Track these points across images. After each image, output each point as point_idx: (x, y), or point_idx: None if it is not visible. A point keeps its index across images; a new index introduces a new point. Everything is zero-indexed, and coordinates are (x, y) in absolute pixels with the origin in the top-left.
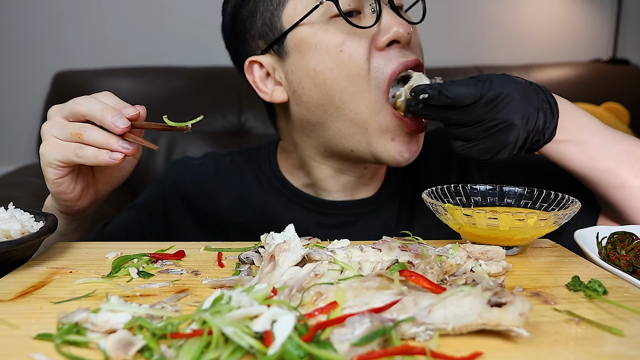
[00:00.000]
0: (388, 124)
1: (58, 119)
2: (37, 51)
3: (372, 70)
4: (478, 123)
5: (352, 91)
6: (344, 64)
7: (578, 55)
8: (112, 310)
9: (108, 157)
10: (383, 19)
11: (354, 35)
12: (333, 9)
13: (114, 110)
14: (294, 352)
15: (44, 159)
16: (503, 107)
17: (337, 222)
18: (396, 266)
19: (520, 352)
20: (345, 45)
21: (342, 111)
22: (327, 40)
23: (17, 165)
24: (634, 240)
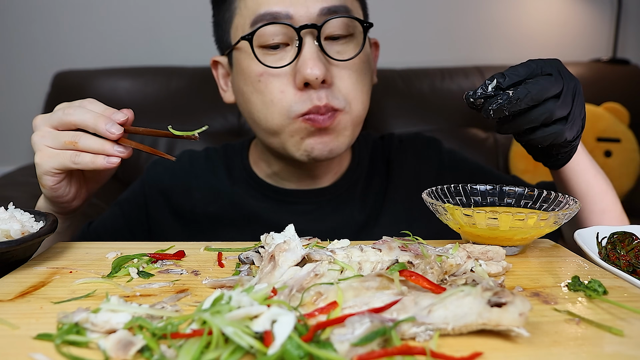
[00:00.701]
0: (297, 128)
1: (47, 129)
2: (37, 51)
3: (286, 103)
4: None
5: (267, 113)
6: (261, 91)
7: (578, 55)
8: (112, 310)
9: (105, 162)
10: (300, 58)
11: (272, 70)
12: (261, 40)
13: (106, 118)
14: (294, 352)
15: (40, 168)
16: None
17: (300, 210)
18: (396, 266)
19: (520, 352)
20: (264, 77)
21: (260, 125)
22: (250, 68)
23: (17, 165)
24: (634, 240)
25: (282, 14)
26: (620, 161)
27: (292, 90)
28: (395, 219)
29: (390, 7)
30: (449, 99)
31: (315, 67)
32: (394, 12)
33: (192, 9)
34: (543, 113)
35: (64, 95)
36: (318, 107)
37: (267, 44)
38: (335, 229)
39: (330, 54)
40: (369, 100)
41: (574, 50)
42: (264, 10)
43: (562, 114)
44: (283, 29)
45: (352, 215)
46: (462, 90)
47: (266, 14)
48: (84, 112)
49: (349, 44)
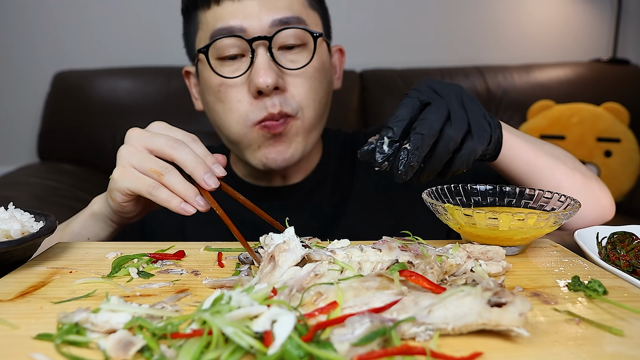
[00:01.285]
0: (255, 136)
1: (140, 147)
2: (37, 51)
3: (244, 112)
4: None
5: (227, 121)
6: (221, 101)
7: (578, 55)
8: (112, 310)
9: (180, 207)
10: (253, 68)
11: (230, 80)
12: (219, 52)
13: (206, 167)
14: (294, 352)
15: (115, 184)
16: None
17: (276, 206)
18: (396, 266)
19: (520, 352)
20: (223, 87)
21: (223, 133)
22: (210, 79)
23: (17, 165)
24: (634, 240)
25: (236, 28)
26: (620, 161)
27: (248, 99)
28: (360, 209)
29: (391, 7)
30: None
31: (265, 75)
32: (394, 13)
33: None
34: (447, 143)
35: (64, 95)
36: (272, 114)
37: (224, 55)
38: (307, 222)
39: (282, 63)
40: (324, 107)
41: (574, 50)
42: (220, 25)
43: (463, 130)
44: (237, 41)
45: (321, 208)
46: None
47: (222, 28)
48: (188, 152)
49: (303, 53)
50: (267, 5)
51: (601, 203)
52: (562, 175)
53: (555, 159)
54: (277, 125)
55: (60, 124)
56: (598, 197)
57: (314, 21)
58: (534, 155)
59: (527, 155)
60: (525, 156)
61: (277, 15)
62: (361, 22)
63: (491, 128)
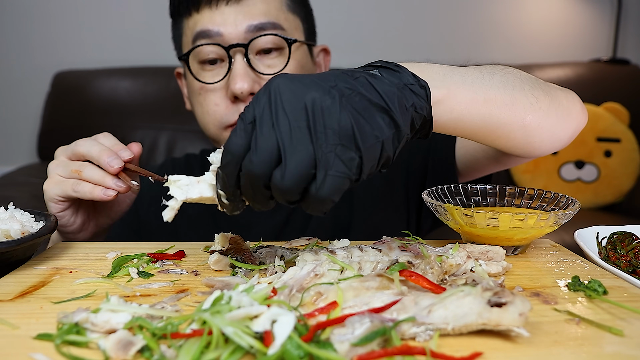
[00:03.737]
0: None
1: (62, 158)
2: (37, 51)
3: (219, 114)
4: None
5: (205, 123)
6: (200, 103)
7: (578, 55)
8: (112, 310)
9: (102, 194)
10: (230, 74)
11: (209, 85)
12: (199, 56)
13: (110, 152)
14: (294, 352)
15: (46, 194)
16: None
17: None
18: (396, 266)
19: (520, 352)
20: (202, 90)
21: (205, 132)
22: (193, 82)
23: (17, 165)
24: (633, 240)
25: (214, 32)
26: (620, 161)
27: (225, 103)
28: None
29: (391, 7)
30: None
31: (242, 82)
32: (395, 13)
33: None
34: (249, 179)
35: (64, 95)
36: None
37: (204, 59)
38: (288, 219)
39: (258, 69)
40: None
41: (574, 50)
42: (199, 29)
43: (266, 161)
44: (215, 47)
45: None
46: None
47: (201, 31)
48: (92, 144)
49: (280, 57)
50: (243, 12)
51: (573, 115)
52: (524, 107)
53: (510, 90)
54: None
55: (60, 124)
56: (568, 109)
57: (293, 25)
58: (483, 102)
59: (474, 106)
60: (474, 108)
61: (253, 21)
62: (361, 22)
63: (382, 125)
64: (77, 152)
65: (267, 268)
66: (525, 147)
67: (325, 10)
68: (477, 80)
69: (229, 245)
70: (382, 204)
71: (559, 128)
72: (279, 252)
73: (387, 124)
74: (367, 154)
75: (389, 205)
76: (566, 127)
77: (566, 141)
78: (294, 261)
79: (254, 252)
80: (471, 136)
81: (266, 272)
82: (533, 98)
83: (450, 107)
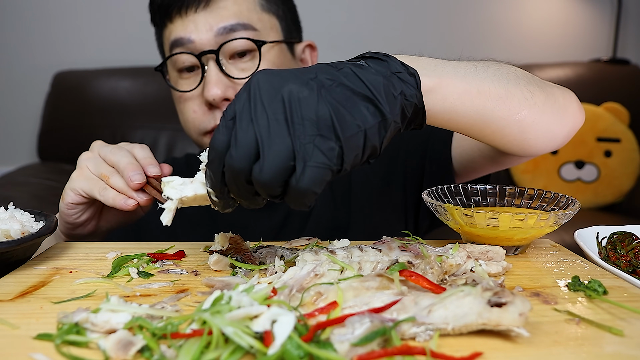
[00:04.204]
0: (207, 144)
1: (97, 154)
2: (37, 51)
3: (197, 122)
4: None
5: (186, 129)
6: (181, 111)
7: (578, 55)
8: (112, 310)
9: (123, 202)
10: (204, 81)
11: (187, 93)
12: (176, 65)
13: (136, 167)
14: (294, 352)
15: (71, 183)
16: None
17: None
18: (396, 266)
19: (520, 352)
20: (182, 98)
21: (189, 136)
22: (172, 90)
23: (17, 165)
24: (634, 240)
25: (185, 39)
26: (620, 161)
27: (202, 110)
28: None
29: (391, 7)
30: None
31: (215, 88)
32: (395, 13)
33: None
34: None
35: (64, 95)
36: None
37: (181, 67)
38: (285, 220)
39: (231, 74)
40: None
41: (574, 50)
42: (173, 37)
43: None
44: (188, 56)
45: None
46: None
47: (175, 40)
48: (124, 155)
49: (255, 60)
50: (212, 16)
51: (569, 113)
52: (519, 102)
53: (505, 84)
54: None
55: (60, 124)
56: (565, 107)
57: (268, 24)
58: (477, 94)
59: (469, 97)
60: (468, 99)
61: (222, 23)
62: (361, 22)
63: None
64: (109, 157)
65: (267, 268)
66: (521, 144)
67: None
68: (470, 72)
69: (229, 245)
70: (380, 205)
71: (555, 125)
72: (279, 252)
73: (372, 113)
74: (348, 144)
75: (387, 206)
76: (562, 124)
77: (562, 140)
78: (294, 261)
79: (254, 252)
80: (466, 130)
81: (266, 272)
82: (528, 93)
83: (442, 96)
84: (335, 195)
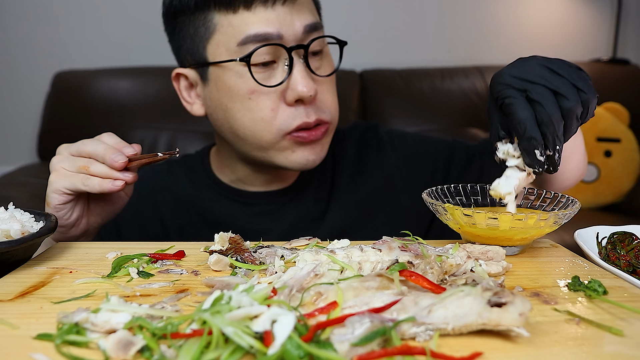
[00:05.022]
0: (287, 144)
1: (66, 154)
2: (37, 51)
3: (277, 120)
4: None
5: (255, 130)
6: (250, 109)
7: (578, 55)
8: (112, 310)
9: (111, 185)
10: (292, 76)
11: (263, 88)
12: (253, 59)
13: (114, 149)
14: (294, 352)
15: (52, 185)
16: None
17: (259, 211)
18: (396, 266)
19: (520, 352)
20: (254, 95)
21: (246, 141)
22: (239, 86)
23: (17, 165)
24: (634, 240)
25: (274, 35)
26: (620, 161)
27: (282, 107)
28: (341, 205)
29: (391, 7)
30: (449, 99)
31: (308, 85)
32: (395, 13)
33: None
34: (573, 117)
35: (64, 95)
36: (308, 123)
37: (257, 62)
38: (294, 225)
39: (314, 71)
40: None
41: (574, 50)
42: (254, 31)
43: (575, 94)
44: (272, 48)
45: (308, 209)
46: (462, 90)
47: (257, 34)
48: (97, 143)
49: (324, 59)
50: (297, 11)
51: (586, 159)
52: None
53: (580, 147)
54: (315, 134)
55: (60, 124)
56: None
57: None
58: (571, 150)
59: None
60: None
61: (307, 21)
62: (361, 22)
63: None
64: (82, 150)
65: (267, 268)
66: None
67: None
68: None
69: (229, 245)
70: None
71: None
72: (279, 252)
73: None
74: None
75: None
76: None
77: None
78: (294, 261)
79: (254, 252)
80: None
81: (266, 272)
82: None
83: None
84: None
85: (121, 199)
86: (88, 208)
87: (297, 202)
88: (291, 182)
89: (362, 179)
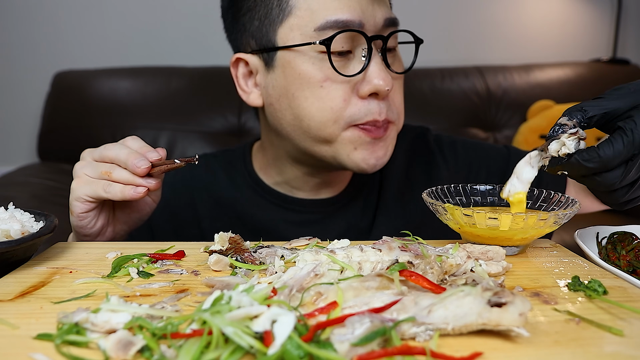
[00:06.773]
0: (350, 136)
1: (89, 159)
2: (37, 51)
3: (347, 112)
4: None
5: (321, 120)
6: (320, 97)
7: (578, 55)
8: (112, 310)
9: (133, 192)
10: (369, 68)
11: (338, 76)
12: (332, 46)
13: (137, 154)
14: (294, 352)
15: (74, 193)
16: None
17: (304, 220)
18: (396, 266)
19: (520, 352)
20: (327, 83)
21: (309, 133)
22: (311, 73)
23: (17, 165)
24: (634, 240)
25: (355, 23)
26: None
27: (354, 99)
28: (388, 219)
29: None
30: (449, 99)
31: (386, 78)
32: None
33: (191, 9)
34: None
35: (64, 95)
36: (377, 121)
37: (334, 50)
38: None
39: (390, 67)
40: None
41: (574, 50)
42: (335, 17)
43: None
44: (351, 36)
45: (355, 220)
46: (462, 90)
47: (338, 21)
48: (120, 148)
49: (396, 57)
50: (378, 2)
51: None
52: None
53: None
54: (380, 131)
55: (60, 124)
56: None
57: None
58: None
59: None
60: None
61: (388, 14)
62: None
63: None
64: (105, 155)
65: (267, 268)
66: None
67: None
68: None
69: (229, 245)
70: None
71: None
72: (279, 252)
73: None
74: None
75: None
76: None
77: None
78: (294, 261)
79: (254, 252)
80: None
81: (266, 272)
82: None
83: None
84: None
85: (148, 206)
86: (114, 215)
87: (344, 213)
88: (340, 190)
89: (411, 194)
